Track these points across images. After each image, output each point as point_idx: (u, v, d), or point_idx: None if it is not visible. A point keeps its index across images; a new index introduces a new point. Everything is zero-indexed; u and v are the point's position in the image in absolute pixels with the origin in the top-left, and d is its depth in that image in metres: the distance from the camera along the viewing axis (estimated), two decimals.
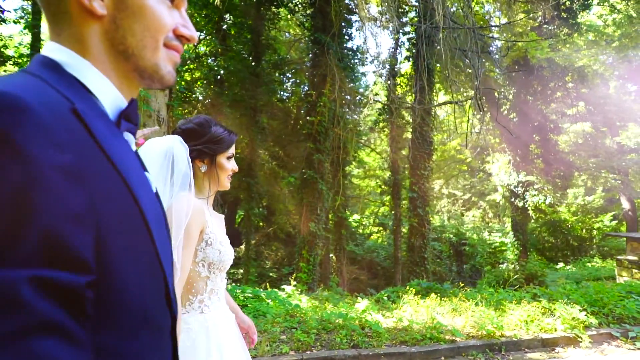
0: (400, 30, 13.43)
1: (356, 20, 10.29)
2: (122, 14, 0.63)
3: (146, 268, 0.60)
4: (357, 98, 11.27)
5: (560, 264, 17.46)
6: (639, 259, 10.80)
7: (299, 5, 10.72)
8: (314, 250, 8.91)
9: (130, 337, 0.57)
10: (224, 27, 12.55)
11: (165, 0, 0.67)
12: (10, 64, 10.65)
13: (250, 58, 11.68)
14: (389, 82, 12.40)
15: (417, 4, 11.19)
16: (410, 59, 12.40)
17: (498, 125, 16.51)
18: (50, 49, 0.62)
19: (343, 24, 9.59)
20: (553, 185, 15.91)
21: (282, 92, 17.64)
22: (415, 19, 11.89)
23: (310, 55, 9.71)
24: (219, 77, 12.50)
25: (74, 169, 0.49)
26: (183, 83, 14.61)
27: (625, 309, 5.88)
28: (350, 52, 9.18)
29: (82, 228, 0.48)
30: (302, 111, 12.15)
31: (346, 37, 9.21)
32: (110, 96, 0.65)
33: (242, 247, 12.45)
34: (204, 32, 13.76)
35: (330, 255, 12.47)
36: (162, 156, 1.42)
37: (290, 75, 16.69)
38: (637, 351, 5.10)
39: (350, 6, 8.98)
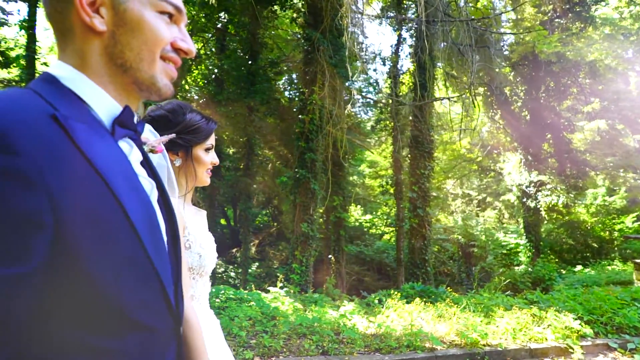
0: (404, 27, 13.11)
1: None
2: (120, 29, 0.66)
3: (129, 268, 0.60)
4: (354, 96, 11.01)
5: (579, 267, 16.74)
6: None
7: (293, 1, 10.52)
8: (306, 252, 8.73)
9: (111, 335, 0.58)
10: (219, 25, 12.48)
11: (163, 16, 0.70)
12: (14, 66, 10.90)
13: (247, 57, 11.56)
14: (390, 79, 12.10)
15: None
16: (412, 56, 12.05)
17: (507, 124, 16.01)
18: (53, 65, 0.67)
19: (339, 21, 9.36)
20: (567, 185, 15.29)
21: (289, 91, 17.53)
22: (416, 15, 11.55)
23: (303, 52, 9.54)
24: (213, 75, 12.45)
25: (29, 172, 0.50)
26: (192, 83, 14.67)
27: (625, 318, 5.48)
28: (343, 49, 8.95)
29: (25, 228, 0.50)
30: (295, 110, 11.99)
31: (339, 34, 8.98)
32: (105, 106, 0.67)
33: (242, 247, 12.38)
34: (211, 32, 13.76)
35: (330, 256, 12.27)
36: None
37: (296, 74, 16.56)
38: None
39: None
